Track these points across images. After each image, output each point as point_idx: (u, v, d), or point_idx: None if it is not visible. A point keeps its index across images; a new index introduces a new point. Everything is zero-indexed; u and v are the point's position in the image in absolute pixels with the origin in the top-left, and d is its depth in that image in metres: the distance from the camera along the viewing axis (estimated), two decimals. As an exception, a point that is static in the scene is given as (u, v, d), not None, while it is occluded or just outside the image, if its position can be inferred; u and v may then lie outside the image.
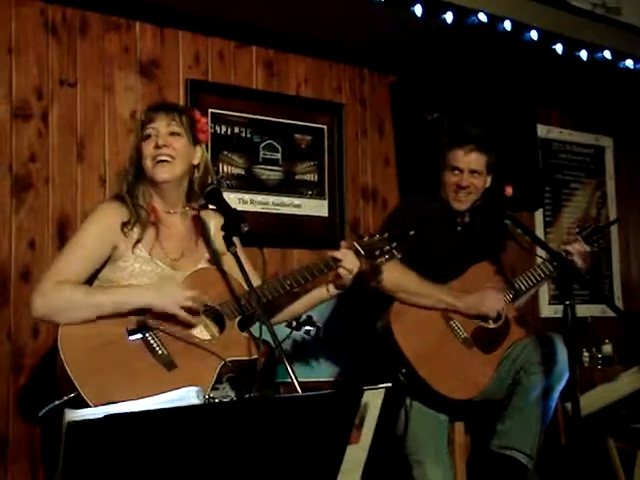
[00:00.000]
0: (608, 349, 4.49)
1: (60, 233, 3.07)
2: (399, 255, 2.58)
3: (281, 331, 2.68)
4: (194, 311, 2.31)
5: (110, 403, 1.82)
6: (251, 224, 2.29)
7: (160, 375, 2.18)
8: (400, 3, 3.44)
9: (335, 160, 3.88)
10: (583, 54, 4.03)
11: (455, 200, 3.11)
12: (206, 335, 2.34)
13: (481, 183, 3.12)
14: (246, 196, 3.60)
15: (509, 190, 3.14)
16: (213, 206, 2.45)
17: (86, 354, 2.16)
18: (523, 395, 2.93)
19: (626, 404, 3.67)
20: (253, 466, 1.56)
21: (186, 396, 1.79)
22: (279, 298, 2.44)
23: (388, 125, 4.09)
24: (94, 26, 3.25)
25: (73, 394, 2.09)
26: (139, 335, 2.23)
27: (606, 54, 4.09)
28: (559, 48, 3.94)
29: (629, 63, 4.20)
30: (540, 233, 4.65)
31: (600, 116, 4.98)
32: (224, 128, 3.57)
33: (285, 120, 3.75)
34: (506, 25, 3.71)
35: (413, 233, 2.57)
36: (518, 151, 3.92)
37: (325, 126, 3.88)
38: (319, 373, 3.59)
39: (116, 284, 2.32)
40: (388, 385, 1.82)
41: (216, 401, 2.17)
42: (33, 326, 2.96)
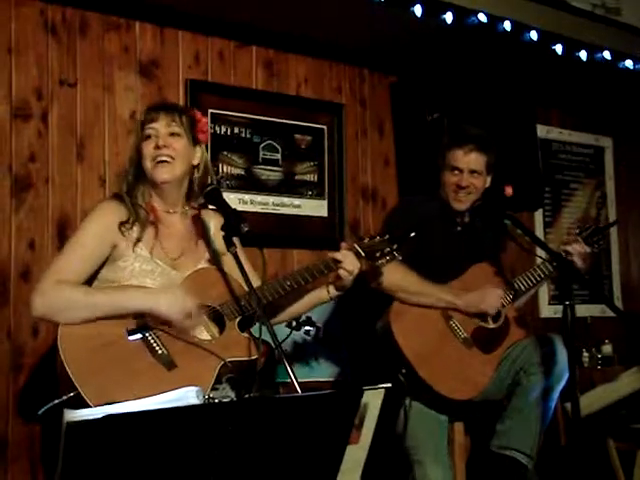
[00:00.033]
0: (608, 349, 4.49)
1: (60, 233, 3.07)
2: (400, 257, 2.58)
3: (281, 331, 2.68)
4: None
5: (110, 403, 1.82)
6: (251, 224, 2.29)
7: (160, 375, 2.18)
8: (400, 3, 3.44)
9: (335, 160, 3.88)
10: (583, 54, 4.03)
11: (455, 200, 3.11)
12: (206, 335, 2.34)
13: (481, 183, 3.12)
14: (246, 196, 3.60)
15: (509, 190, 3.14)
16: (213, 206, 2.46)
17: (86, 354, 2.16)
18: (523, 395, 2.93)
19: (626, 404, 3.67)
20: (253, 466, 1.56)
21: (186, 396, 1.79)
22: (279, 299, 2.44)
23: (388, 125, 4.09)
24: (94, 26, 3.25)
25: (73, 393, 2.09)
26: (139, 335, 2.23)
27: (606, 54, 4.10)
28: (559, 48, 3.94)
29: (629, 63, 4.21)
30: (540, 233, 4.65)
31: (600, 116, 4.98)
32: (224, 128, 3.57)
33: (285, 120, 3.75)
34: (506, 25, 3.71)
35: (414, 235, 2.58)
36: (518, 151, 3.91)
37: (325, 126, 3.88)
38: (319, 373, 3.59)
39: (117, 284, 2.31)
40: (388, 385, 1.82)
41: (216, 401, 2.17)
42: (33, 325, 2.96)
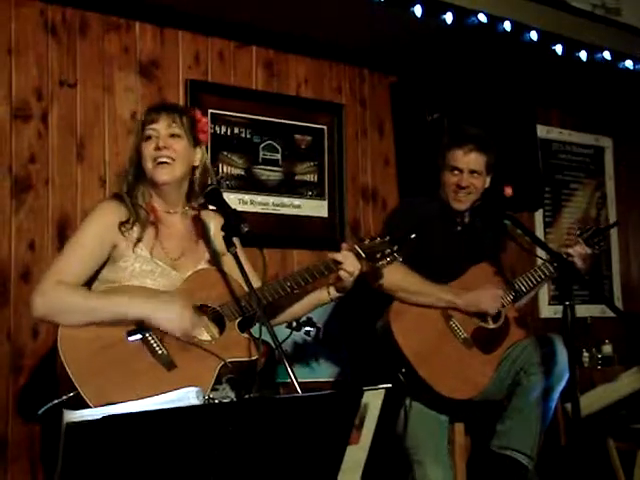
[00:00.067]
0: (608, 349, 4.49)
1: (60, 234, 3.07)
2: (400, 258, 2.58)
3: (281, 332, 2.69)
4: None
5: (110, 403, 1.82)
6: (251, 225, 2.29)
7: (160, 375, 2.17)
8: (400, 3, 3.44)
9: (335, 160, 3.88)
10: (583, 55, 4.03)
11: (455, 200, 3.11)
12: (206, 336, 2.33)
13: (480, 183, 3.12)
14: (246, 197, 3.60)
15: (508, 190, 3.14)
16: (213, 206, 2.45)
17: (86, 355, 2.16)
18: (523, 396, 2.93)
19: (626, 404, 3.67)
20: (253, 466, 1.56)
21: (186, 397, 1.79)
22: (279, 300, 2.44)
23: (388, 125, 4.09)
24: (94, 26, 3.25)
25: (72, 393, 2.09)
26: (139, 335, 2.23)
27: (606, 55, 4.09)
28: (559, 49, 3.94)
29: (629, 64, 4.20)
30: (540, 233, 4.65)
31: (600, 116, 4.97)
32: (224, 128, 3.57)
33: (285, 120, 3.75)
34: (506, 26, 3.70)
35: (414, 236, 2.58)
36: (518, 151, 3.91)
37: (325, 126, 3.87)
38: (319, 373, 3.59)
39: (117, 284, 2.31)
40: (388, 386, 1.82)
41: (216, 402, 2.17)
42: (33, 327, 2.96)
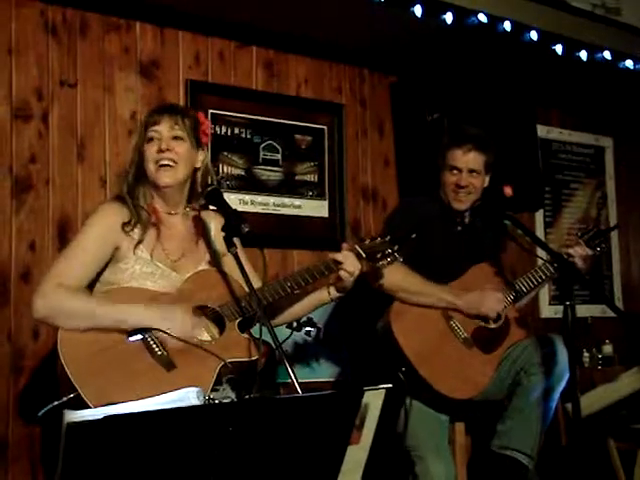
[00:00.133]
0: (608, 349, 4.49)
1: (60, 234, 3.07)
2: (400, 258, 2.58)
3: (281, 332, 2.68)
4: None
5: (110, 404, 1.82)
6: (251, 225, 2.29)
7: (160, 376, 2.18)
8: (400, 3, 3.44)
9: (335, 160, 3.88)
10: (583, 54, 4.03)
11: (455, 200, 3.11)
12: (206, 336, 2.33)
13: (480, 182, 3.12)
14: (246, 197, 3.60)
15: (508, 190, 3.14)
16: (213, 207, 2.45)
17: (86, 356, 2.16)
18: (523, 396, 2.93)
19: (626, 404, 3.66)
20: (253, 467, 1.56)
21: (186, 397, 1.79)
22: (280, 300, 2.44)
23: (388, 125, 4.09)
24: (94, 27, 3.25)
25: (73, 394, 2.09)
26: (139, 336, 2.23)
27: (606, 54, 4.09)
28: (559, 48, 3.94)
29: (629, 63, 4.20)
30: (540, 234, 4.65)
31: (600, 116, 4.97)
32: (224, 129, 3.57)
33: (285, 121, 3.75)
34: (506, 26, 3.70)
35: (415, 236, 2.58)
36: (518, 151, 3.91)
37: (325, 126, 3.87)
38: (319, 374, 3.59)
39: (117, 286, 2.32)
40: (389, 386, 1.82)
41: (216, 402, 2.17)
42: (33, 328, 2.95)
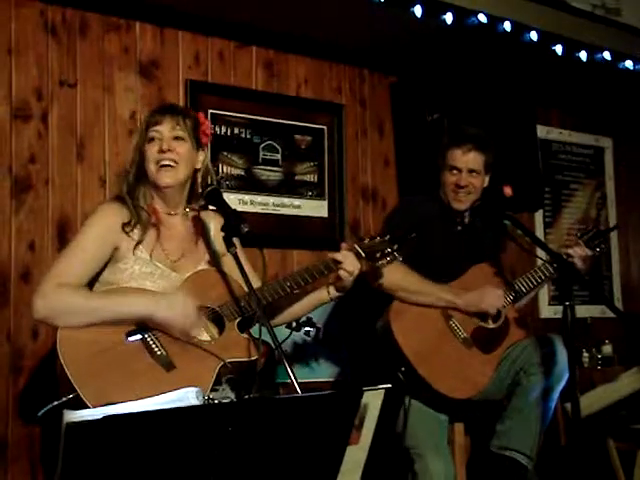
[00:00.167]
0: (608, 350, 4.49)
1: (60, 234, 3.07)
2: (400, 257, 2.58)
3: (281, 332, 2.68)
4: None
5: (109, 404, 1.82)
6: (251, 225, 2.29)
7: (159, 376, 2.17)
8: (400, 3, 3.44)
9: (335, 160, 3.88)
10: (583, 55, 4.03)
11: (455, 200, 3.11)
12: (205, 336, 2.34)
13: (479, 182, 3.12)
14: (246, 197, 3.60)
15: (508, 190, 3.14)
16: (213, 207, 2.45)
17: (85, 355, 2.16)
18: (523, 396, 2.93)
19: (626, 405, 3.67)
20: (253, 467, 1.56)
21: (185, 397, 1.79)
22: (279, 300, 2.44)
23: (388, 125, 4.09)
24: (94, 27, 3.25)
25: (72, 395, 2.09)
26: (138, 336, 2.23)
27: (606, 55, 4.09)
28: (559, 49, 3.94)
29: (629, 64, 4.20)
30: (540, 234, 4.65)
31: (600, 117, 4.98)
32: (224, 129, 3.57)
33: (285, 121, 3.75)
34: (506, 26, 3.71)
35: (414, 235, 2.58)
36: (518, 152, 3.91)
37: (325, 127, 3.87)
38: (319, 374, 3.59)
39: (116, 286, 2.31)
40: (388, 386, 1.82)
41: (215, 402, 2.17)
42: (33, 328, 2.95)
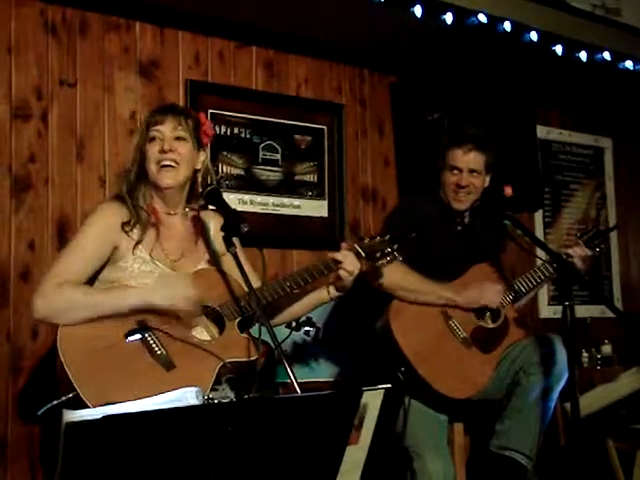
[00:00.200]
0: (607, 350, 4.49)
1: (60, 234, 3.07)
2: (400, 257, 2.58)
3: (280, 332, 2.68)
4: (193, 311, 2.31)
5: (109, 404, 1.82)
6: (251, 225, 2.29)
7: (159, 375, 2.18)
8: (400, 3, 3.44)
9: (335, 160, 3.88)
10: (583, 55, 4.03)
11: (455, 200, 3.11)
12: (206, 336, 2.34)
13: (480, 182, 3.12)
14: (246, 197, 3.60)
15: (508, 190, 3.14)
16: (213, 207, 2.45)
17: (85, 355, 2.16)
18: (522, 396, 2.93)
19: (625, 405, 3.67)
20: (253, 467, 1.56)
21: (185, 397, 1.79)
22: (279, 300, 2.44)
23: (388, 125, 4.09)
24: (94, 26, 3.25)
25: (72, 394, 2.09)
26: (138, 336, 2.23)
27: (606, 55, 4.10)
28: (559, 49, 3.94)
29: (629, 64, 4.21)
30: (540, 234, 4.65)
31: (600, 117, 4.98)
32: (224, 128, 3.57)
33: (285, 121, 3.75)
34: (506, 26, 3.71)
35: (414, 235, 2.58)
36: (518, 152, 3.91)
37: (325, 127, 3.87)
38: (319, 374, 3.59)
39: (117, 284, 2.31)
40: (387, 386, 1.82)
41: (215, 402, 2.17)
42: (32, 327, 2.96)
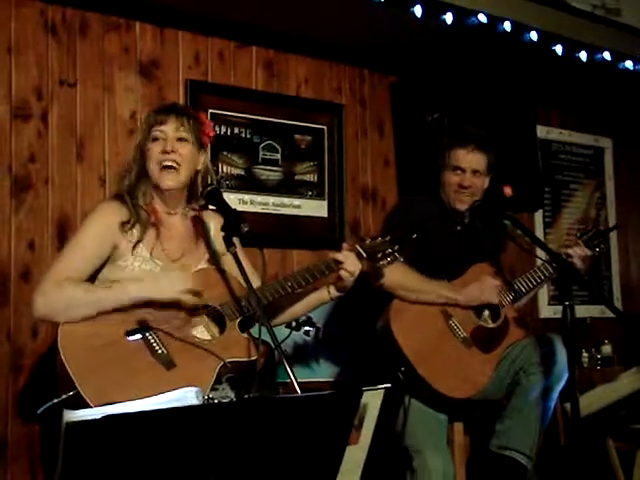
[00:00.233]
0: (607, 350, 4.49)
1: (60, 233, 3.07)
2: (401, 258, 2.58)
3: (280, 332, 2.68)
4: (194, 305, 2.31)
5: (109, 403, 1.82)
6: (251, 225, 2.29)
7: (159, 375, 2.18)
8: (400, 3, 3.44)
9: (335, 160, 3.88)
10: (583, 55, 4.03)
11: (457, 200, 3.11)
12: (206, 335, 2.34)
13: (482, 183, 3.12)
14: (246, 196, 3.60)
15: (508, 190, 3.14)
16: (213, 207, 2.46)
17: (86, 353, 2.16)
18: (522, 395, 2.93)
19: (625, 405, 3.67)
20: (253, 466, 1.56)
21: (185, 396, 1.79)
22: (279, 299, 2.45)
23: (388, 125, 4.09)
24: (94, 26, 3.25)
25: (72, 392, 2.09)
26: (138, 335, 2.23)
27: (606, 55, 4.10)
28: (559, 49, 3.94)
29: (629, 64, 4.21)
30: (540, 234, 4.65)
31: (600, 117, 4.98)
32: (224, 128, 3.57)
33: (285, 120, 3.75)
34: (506, 26, 3.71)
35: (416, 236, 2.58)
36: (518, 152, 3.91)
37: (325, 126, 3.87)
38: (319, 373, 3.59)
39: (116, 283, 2.31)
40: (387, 386, 1.82)
41: (215, 402, 2.17)
42: (32, 326, 2.96)
